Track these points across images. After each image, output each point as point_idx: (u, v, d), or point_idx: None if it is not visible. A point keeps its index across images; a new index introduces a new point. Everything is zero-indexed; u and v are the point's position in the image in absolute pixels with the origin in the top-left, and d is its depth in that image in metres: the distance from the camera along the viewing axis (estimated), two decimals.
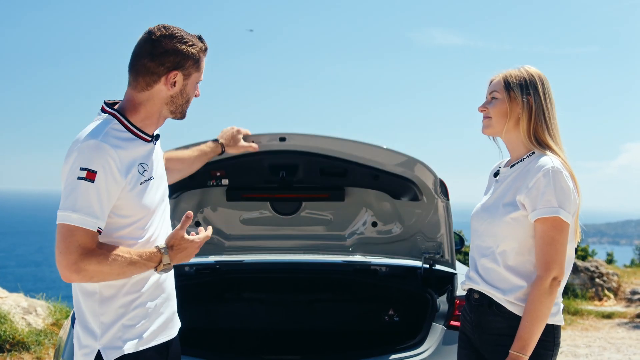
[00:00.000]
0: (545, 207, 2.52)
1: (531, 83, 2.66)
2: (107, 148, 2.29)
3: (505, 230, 2.60)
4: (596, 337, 8.52)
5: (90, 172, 2.25)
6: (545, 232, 2.52)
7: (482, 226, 2.71)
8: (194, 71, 2.47)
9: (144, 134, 2.47)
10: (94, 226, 2.26)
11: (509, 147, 2.76)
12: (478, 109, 2.77)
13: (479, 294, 2.69)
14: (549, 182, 2.52)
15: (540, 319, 2.50)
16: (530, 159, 2.65)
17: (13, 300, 7.26)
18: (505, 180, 2.71)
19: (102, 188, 2.26)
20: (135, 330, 2.41)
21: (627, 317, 9.93)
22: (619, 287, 11.70)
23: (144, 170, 2.42)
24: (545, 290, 2.50)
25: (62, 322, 7.16)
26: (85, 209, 2.24)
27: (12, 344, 6.51)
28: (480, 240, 2.72)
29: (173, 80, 2.43)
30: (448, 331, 3.29)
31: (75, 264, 2.22)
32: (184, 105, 2.51)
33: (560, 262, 2.52)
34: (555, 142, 2.65)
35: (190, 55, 2.43)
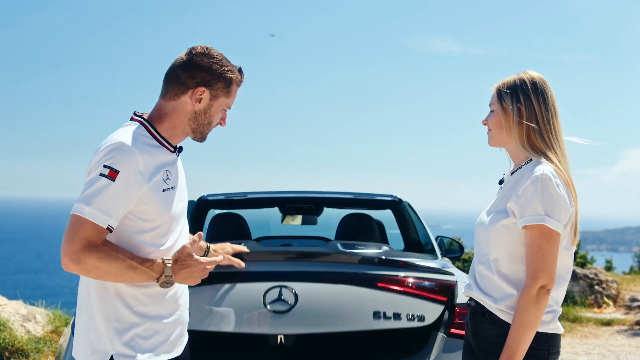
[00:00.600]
0: (531, 214, 2.49)
1: (521, 89, 2.63)
2: (134, 150, 2.34)
3: (496, 238, 2.60)
4: (596, 345, 8.52)
5: (113, 170, 2.30)
6: (533, 240, 2.50)
7: (481, 233, 2.71)
8: (222, 95, 2.50)
9: (168, 144, 2.51)
10: (105, 222, 2.29)
11: (510, 155, 2.76)
12: (482, 122, 2.78)
13: (474, 301, 2.70)
14: (536, 190, 2.49)
15: (528, 327, 2.47)
16: (527, 166, 2.63)
17: (12, 308, 7.25)
18: (505, 188, 2.71)
19: (122, 188, 2.30)
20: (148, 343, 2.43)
21: (626, 325, 9.93)
22: (618, 294, 11.71)
23: (168, 177, 2.46)
24: (532, 298, 2.46)
25: (61, 330, 7.15)
26: (100, 205, 2.28)
27: (11, 352, 6.51)
28: (478, 247, 2.73)
29: (199, 97, 2.47)
30: (449, 339, 3.28)
31: (76, 255, 2.26)
32: (206, 126, 2.53)
33: (549, 270, 2.48)
34: (550, 147, 2.61)
35: (222, 78, 2.48)
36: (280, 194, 5.30)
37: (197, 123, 2.50)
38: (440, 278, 3.43)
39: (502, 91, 2.67)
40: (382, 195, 5.18)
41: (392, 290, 3.35)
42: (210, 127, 2.54)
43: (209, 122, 2.52)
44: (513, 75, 2.71)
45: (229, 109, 2.56)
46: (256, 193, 5.25)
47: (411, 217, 5.14)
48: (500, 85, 2.70)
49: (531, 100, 2.62)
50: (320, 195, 5.26)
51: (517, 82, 2.65)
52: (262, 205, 5.61)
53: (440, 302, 3.33)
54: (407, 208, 5.17)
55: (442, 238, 5.12)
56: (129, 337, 2.40)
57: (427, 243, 4.85)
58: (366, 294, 3.33)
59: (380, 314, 3.30)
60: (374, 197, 5.18)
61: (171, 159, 2.51)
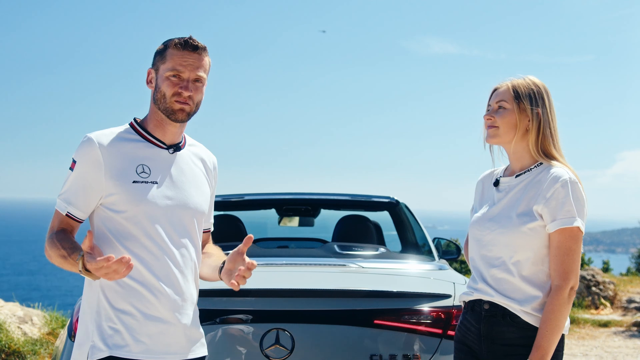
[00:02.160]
0: (565, 217, 2.54)
1: (539, 95, 2.67)
2: (92, 141, 2.44)
3: (521, 241, 2.61)
4: (593, 346, 8.52)
5: (73, 162, 2.47)
6: (563, 242, 2.55)
7: (489, 236, 2.69)
8: (160, 64, 2.51)
9: (155, 139, 2.54)
10: (64, 209, 2.46)
11: (513, 157, 2.75)
12: (484, 117, 2.76)
13: (490, 304, 2.67)
14: (567, 193, 2.55)
15: (559, 328, 2.53)
16: (540, 169, 2.66)
17: (9, 310, 7.23)
18: (513, 190, 2.70)
19: (79, 177, 2.44)
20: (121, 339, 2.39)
21: (623, 326, 9.93)
22: (615, 295, 11.71)
23: (144, 171, 2.47)
24: (565, 299, 2.53)
25: (58, 332, 7.13)
26: (64, 195, 2.47)
27: (7, 354, 6.49)
28: (486, 250, 2.70)
29: (149, 78, 2.57)
30: (445, 341, 3.27)
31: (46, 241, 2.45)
32: (162, 101, 2.49)
33: (577, 271, 2.56)
34: (560, 154, 2.68)
35: (156, 52, 2.55)
36: (277, 195, 5.28)
37: (157, 102, 2.52)
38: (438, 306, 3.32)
39: (520, 92, 2.68)
40: (379, 196, 5.18)
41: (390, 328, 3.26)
42: (166, 99, 2.48)
43: (162, 95, 2.49)
44: (522, 78, 2.72)
45: (175, 74, 2.47)
46: (253, 195, 5.23)
47: (408, 219, 5.13)
48: (516, 86, 2.69)
49: (547, 107, 2.67)
50: (317, 196, 5.25)
51: (533, 87, 2.68)
52: (259, 206, 5.60)
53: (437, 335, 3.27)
54: (404, 209, 5.17)
55: (439, 240, 5.12)
56: (103, 330, 2.40)
57: (424, 244, 4.83)
58: (362, 334, 3.25)
59: (377, 357, 3.22)
60: (371, 199, 5.17)
61: (156, 154, 2.52)
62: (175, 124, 2.53)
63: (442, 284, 3.57)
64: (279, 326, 3.21)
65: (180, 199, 2.53)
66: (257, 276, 3.65)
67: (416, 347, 3.25)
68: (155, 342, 2.43)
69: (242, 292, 3.30)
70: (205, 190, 2.65)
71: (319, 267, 3.88)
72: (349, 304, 3.30)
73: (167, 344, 2.46)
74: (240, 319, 3.25)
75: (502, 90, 2.72)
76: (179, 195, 2.53)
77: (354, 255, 4.16)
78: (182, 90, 2.47)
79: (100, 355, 2.39)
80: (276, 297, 3.31)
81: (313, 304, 3.28)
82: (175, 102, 2.48)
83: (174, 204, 2.51)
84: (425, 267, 4.07)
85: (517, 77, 2.73)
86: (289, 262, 3.94)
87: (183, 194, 2.54)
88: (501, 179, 2.78)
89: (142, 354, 2.41)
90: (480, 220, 2.76)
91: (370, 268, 3.90)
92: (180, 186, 2.54)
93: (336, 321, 3.25)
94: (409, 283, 3.73)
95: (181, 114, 2.49)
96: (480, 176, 2.95)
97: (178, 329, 2.48)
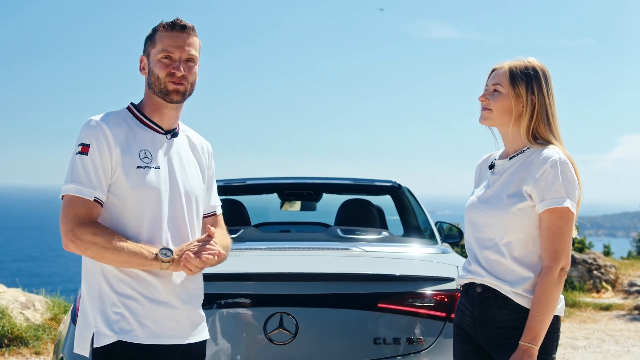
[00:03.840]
0: (554, 197, 2.52)
1: (536, 80, 2.63)
2: (101, 124, 2.42)
3: (511, 222, 2.59)
4: (594, 329, 8.53)
5: (84, 145, 2.40)
6: (552, 222, 2.53)
7: (482, 218, 2.68)
8: (150, 48, 2.53)
9: (154, 124, 2.55)
10: (90, 195, 2.37)
11: (506, 140, 2.74)
12: (479, 98, 2.73)
13: (482, 287, 2.66)
14: (556, 173, 2.52)
15: (550, 309, 2.50)
16: (532, 150, 2.64)
17: (11, 295, 7.24)
18: (505, 172, 2.69)
19: (96, 159, 2.39)
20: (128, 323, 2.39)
21: (625, 309, 9.95)
22: (616, 279, 11.73)
23: (146, 156, 2.47)
24: (555, 280, 2.50)
25: (60, 317, 7.14)
26: (81, 180, 2.37)
27: (10, 339, 6.50)
28: (479, 233, 2.69)
29: (142, 65, 2.57)
30: (448, 324, 3.26)
31: (72, 232, 2.32)
32: (156, 83, 2.50)
33: (567, 252, 2.53)
34: (556, 138, 2.65)
35: (147, 38, 2.56)
36: (279, 180, 5.26)
37: (151, 87, 2.53)
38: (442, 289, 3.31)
39: (517, 77, 2.64)
40: (382, 180, 5.16)
41: (393, 311, 3.25)
42: (160, 81, 2.50)
43: (155, 78, 2.51)
44: (521, 60, 2.68)
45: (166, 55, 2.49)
46: (255, 179, 5.21)
47: (410, 203, 5.11)
48: (513, 69, 2.66)
49: (543, 93, 2.63)
50: (320, 181, 5.23)
51: (530, 72, 2.64)
52: (261, 191, 5.58)
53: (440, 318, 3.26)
54: (407, 193, 5.15)
55: (441, 223, 5.11)
56: (108, 316, 2.39)
57: (426, 228, 4.82)
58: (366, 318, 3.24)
59: (381, 340, 3.22)
60: (373, 183, 5.15)
61: (156, 139, 2.53)
62: (172, 106, 2.54)
63: (445, 267, 3.56)
64: (282, 310, 3.19)
65: (180, 184, 2.55)
66: (260, 260, 3.64)
67: (419, 330, 3.24)
68: (160, 326, 2.44)
69: (246, 276, 3.30)
70: (199, 176, 2.67)
71: (323, 251, 3.87)
72: (352, 287, 3.29)
73: (171, 328, 2.47)
74: (243, 303, 3.25)
75: (499, 72, 2.69)
76: (179, 180, 2.55)
77: (357, 239, 4.14)
78: (175, 70, 2.49)
79: (107, 340, 2.39)
80: (280, 281, 3.30)
81: (317, 288, 3.27)
82: (169, 82, 2.50)
83: (175, 189, 2.53)
84: (429, 251, 4.06)
85: (517, 59, 2.69)
86: (292, 246, 3.93)
87: (182, 179, 2.56)
88: (496, 161, 2.77)
89: (147, 338, 2.41)
90: (474, 203, 2.75)
91: (374, 252, 3.89)
92: (179, 172, 2.56)
93: (340, 305, 3.24)
94: (413, 266, 3.72)
95: (176, 95, 2.51)
96: (479, 160, 2.94)
97: (182, 313, 2.50)
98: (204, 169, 2.71)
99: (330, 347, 3.21)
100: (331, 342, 3.21)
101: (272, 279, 3.31)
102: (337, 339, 3.21)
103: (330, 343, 3.21)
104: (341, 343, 3.21)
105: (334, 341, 3.21)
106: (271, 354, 3.18)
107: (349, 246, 3.95)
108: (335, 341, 3.21)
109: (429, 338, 3.23)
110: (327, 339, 3.22)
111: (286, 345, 3.17)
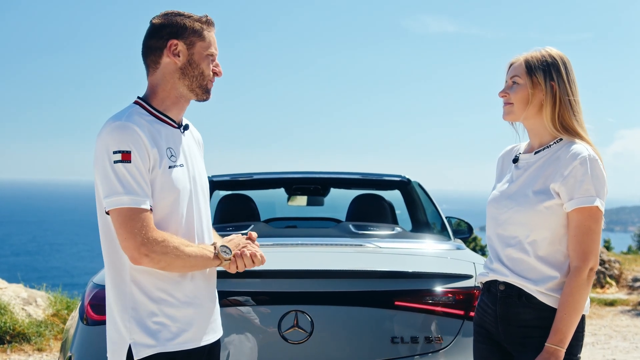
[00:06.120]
0: (583, 196, 2.44)
1: (554, 67, 2.55)
2: (133, 127, 2.26)
3: (537, 219, 2.51)
4: (601, 325, 8.48)
5: (124, 153, 2.23)
6: (582, 221, 2.45)
7: (506, 214, 2.60)
8: (196, 40, 2.40)
9: (169, 119, 2.43)
10: (147, 204, 2.24)
11: (531, 133, 2.66)
12: (499, 94, 2.66)
13: (505, 285, 2.59)
14: (586, 171, 2.44)
15: (578, 310, 2.44)
16: (559, 145, 2.56)
17: (12, 291, 7.17)
18: (531, 167, 2.61)
19: (140, 166, 2.24)
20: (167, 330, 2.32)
21: (629, 305, 9.91)
22: (620, 274, 11.70)
23: (172, 155, 2.37)
24: (584, 281, 2.43)
25: (62, 313, 7.08)
26: (135, 190, 2.22)
27: (12, 335, 6.44)
28: (502, 229, 2.62)
29: (176, 50, 2.39)
30: (467, 323, 3.19)
31: (144, 246, 2.19)
32: (199, 78, 2.41)
33: (596, 252, 2.46)
34: (582, 128, 2.57)
35: (186, 26, 2.40)
36: (287, 174, 5.19)
37: (189, 78, 2.41)
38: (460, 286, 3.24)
39: (532, 65, 2.56)
40: (391, 175, 5.09)
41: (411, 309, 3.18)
42: (205, 77, 2.42)
43: (200, 72, 2.41)
44: (538, 51, 2.61)
45: (213, 54, 2.45)
46: (262, 174, 5.14)
47: (420, 198, 5.04)
48: (529, 59, 2.58)
49: (563, 79, 2.55)
50: (327, 175, 5.16)
51: (547, 59, 2.56)
52: (268, 186, 5.51)
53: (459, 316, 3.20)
54: (417, 188, 5.08)
55: (449, 218, 5.04)
56: (147, 325, 2.30)
57: (435, 224, 4.75)
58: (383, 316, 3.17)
59: (398, 339, 3.15)
60: (382, 177, 5.08)
61: (174, 135, 2.43)
62: (189, 102, 2.48)
63: (462, 264, 3.49)
64: (297, 308, 3.12)
65: (199, 181, 2.49)
66: (273, 256, 3.56)
67: (437, 329, 3.17)
68: (197, 330, 2.39)
69: (260, 273, 3.21)
70: (205, 169, 2.62)
71: (336, 247, 3.80)
72: (368, 285, 3.21)
73: (204, 328, 2.43)
74: (257, 300, 3.17)
75: (516, 65, 2.63)
76: (196, 176, 2.48)
77: (371, 235, 4.07)
78: (218, 71, 2.47)
79: (149, 352, 2.30)
80: (294, 278, 3.22)
81: (332, 285, 3.19)
82: (210, 81, 2.45)
83: (195, 185, 2.47)
84: (443, 247, 3.98)
85: (534, 49, 2.63)
86: (305, 242, 3.85)
87: (198, 175, 2.50)
88: (520, 155, 2.69)
89: (186, 344, 2.36)
90: (497, 198, 2.67)
91: (388, 248, 3.81)
92: (195, 167, 2.50)
93: (356, 303, 3.16)
94: (429, 263, 3.64)
95: (210, 94, 2.48)
96: (500, 152, 2.86)
97: (210, 311, 2.47)
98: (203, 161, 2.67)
99: (347, 346, 3.13)
100: (347, 341, 3.13)
101: (287, 276, 3.23)
102: (354, 338, 3.13)
103: (347, 342, 3.13)
104: (358, 342, 3.13)
105: (350, 340, 3.13)
106: (286, 353, 3.10)
107: (362, 242, 3.88)
108: (352, 340, 3.13)
109: (448, 337, 3.16)
110: (343, 337, 3.14)
111: (301, 344, 3.09)
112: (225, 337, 3.03)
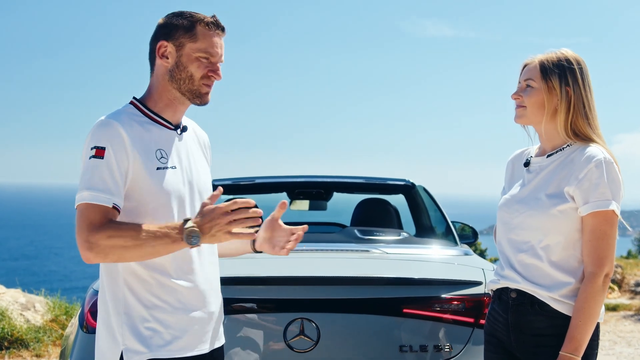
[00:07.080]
0: (599, 199, 2.38)
1: (570, 71, 2.50)
2: (115, 125, 2.22)
3: (550, 224, 2.45)
4: (604, 331, 8.43)
5: (98, 149, 2.19)
6: (597, 226, 2.39)
7: (518, 219, 2.54)
8: (186, 41, 2.31)
9: (164, 120, 2.36)
10: (108, 202, 2.16)
11: (543, 137, 2.60)
12: (512, 96, 2.61)
13: (517, 292, 2.52)
14: (601, 174, 2.39)
15: (594, 318, 2.38)
16: (572, 148, 2.51)
17: (11, 296, 7.12)
18: (544, 171, 2.55)
19: (113, 163, 2.18)
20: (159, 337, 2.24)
21: (632, 310, 9.86)
22: (622, 279, 11.65)
23: (162, 156, 2.29)
24: (599, 287, 2.37)
25: (61, 319, 7.03)
26: (98, 186, 2.16)
27: (10, 341, 6.38)
28: (514, 234, 2.55)
29: (163, 52, 2.32)
30: (477, 331, 3.12)
31: (87, 241, 2.10)
32: (188, 82, 2.32)
33: (611, 257, 2.40)
34: (596, 133, 2.51)
35: (177, 24, 2.32)
36: (289, 178, 5.12)
37: (178, 82, 2.32)
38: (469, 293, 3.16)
39: (548, 69, 2.50)
40: (395, 179, 5.02)
41: (419, 317, 3.10)
42: (194, 81, 2.32)
43: (188, 75, 2.32)
44: (553, 52, 2.55)
45: (206, 56, 2.34)
46: (264, 178, 5.07)
47: (424, 202, 4.98)
48: (544, 62, 2.52)
49: (579, 84, 2.50)
50: (331, 179, 5.09)
51: (563, 63, 2.51)
52: (270, 190, 5.43)
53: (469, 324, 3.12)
54: (421, 192, 5.01)
55: (454, 223, 4.98)
56: (140, 332, 2.23)
57: (441, 228, 4.69)
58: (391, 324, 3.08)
59: (407, 347, 3.07)
60: (385, 182, 5.01)
61: (168, 136, 2.35)
62: (186, 104, 2.39)
63: (471, 270, 3.42)
64: (303, 316, 3.04)
65: (195, 183, 2.41)
66: (278, 262, 3.48)
67: (447, 337, 3.10)
68: (192, 337, 2.31)
69: (264, 280, 3.14)
70: (208, 171, 2.55)
71: (341, 252, 3.73)
72: (375, 292, 3.13)
73: (201, 336, 2.34)
74: (262, 308, 3.09)
75: (530, 67, 2.57)
76: (193, 179, 2.41)
77: (377, 240, 4.00)
78: (213, 74, 2.35)
79: (140, 358, 2.22)
80: (299, 284, 3.14)
81: (339, 292, 3.11)
82: (203, 85, 2.34)
83: (192, 188, 2.39)
84: (450, 253, 3.91)
85: (550, 51, 2.57)
86: (309, 248, 3.77)
87: (196, 178, 2.42)
88: (532, 159, 2.63)
89: (180, 352, 2.27)
90: (508, 203, 2.61)
91: (395, 254, 3.74)
92: (193, 169, 2.42)
93: (363, 310, 3.09)
94: (437, 270, 3.57)
95: (206, 98, 2.37)
96: (510, 156, 2.81)
97: (209, 318, 2.38)
98: (209, 164, 2.59)
99: (354, 354, 3.06)
100: (354, 350, 3.06)
101: (292, 282, 3.16)
102: (361, 346, 3.06)
103: (354, 351, 3.06)
104: (365, 350, 3.06)
105: (358, 348, 3.06)
106: None
107: (368, 248, 3.81)
108: (359, 348, 3.06)
109: (457, 345, 3.09)
110: (351, 346, 3.06)
111: (307, 352, 3.02)
112: (229, 345, 2.95)
